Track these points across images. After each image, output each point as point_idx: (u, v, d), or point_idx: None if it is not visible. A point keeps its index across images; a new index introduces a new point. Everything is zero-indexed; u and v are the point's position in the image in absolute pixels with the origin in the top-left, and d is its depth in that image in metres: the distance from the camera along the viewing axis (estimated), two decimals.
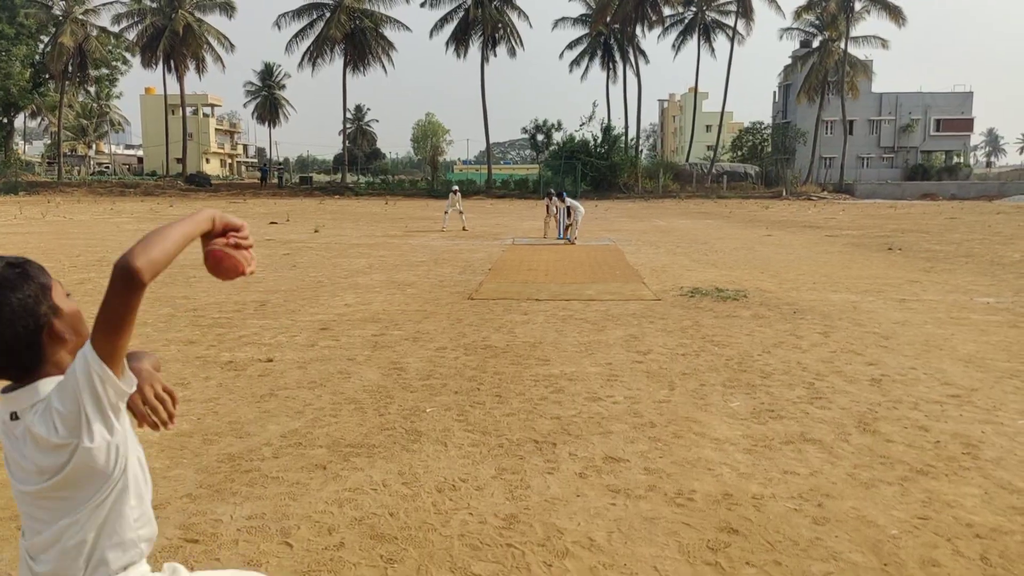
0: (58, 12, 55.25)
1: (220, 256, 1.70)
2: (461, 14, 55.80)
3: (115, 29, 57.46)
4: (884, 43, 58.77)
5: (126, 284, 1.45)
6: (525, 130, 66.73)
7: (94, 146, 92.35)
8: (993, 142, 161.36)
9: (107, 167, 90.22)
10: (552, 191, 23.48)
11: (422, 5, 55.82)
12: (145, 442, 4.64)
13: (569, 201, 20.46)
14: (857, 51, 60.10)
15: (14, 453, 1.56)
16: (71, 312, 1.60)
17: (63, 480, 1.53)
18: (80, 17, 55.31)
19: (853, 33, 58.28)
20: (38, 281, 1.56)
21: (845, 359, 7.07)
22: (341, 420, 5.25)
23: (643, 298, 10.59)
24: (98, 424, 1.51)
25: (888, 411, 5.49)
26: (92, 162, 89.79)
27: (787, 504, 3.94)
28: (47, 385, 1.53)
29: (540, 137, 64.11)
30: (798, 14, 59.10)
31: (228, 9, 58.43)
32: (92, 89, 68.51)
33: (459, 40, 56.40)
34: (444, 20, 56.25)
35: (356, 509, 3.87)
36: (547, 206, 22.35)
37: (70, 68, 55.93)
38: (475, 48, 57.20)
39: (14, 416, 1.54)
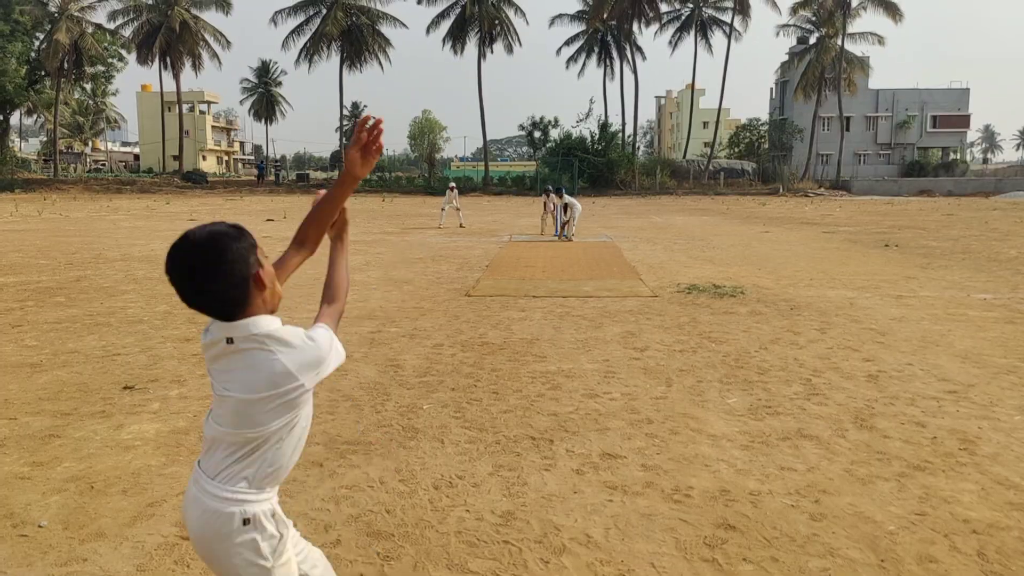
0: (53, 9, 55.02)
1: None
2: (458, 11, 55.70)
3: (111, 26, 57.34)
4: (881, 40, 58.79)
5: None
6: (522, 127, 66.62)
7: (90, 143, 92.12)
8: (990, 138, 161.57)
9: (103, 164, 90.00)
10: (550, 188, 23.45)
11: (419, 2, 55.72)
12: (140, 439, 4.64)
13: (567, 198, 20.43)
14: (854, 47, 60.20)
15: (220, 367, 1.93)
16: (269, 270, 1.96)
17: (259, 400, 1.85)
18: (76, 14, 55.11)
19: (850, 29, 58.29)
20: (250, 238, 1.94)
21: (842, 355, 7.07)
22: (338, 417, 5.24)
23: (640, 295, 10.59)
24: (308, 377, 1.88)
25: (885, 407, 5.49)
26: (88, 159, 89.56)
27: (784, 500, 3.94)
28: (263, 322, 1.89)
29: (537, 134, 64.02)
30: (795, 10, 59.10)
31: (224, 5, 58.29)
32: (88, 86, 68.28)
33: (456, 37, 56.32)
34: (441, 16, 56.18)
35: (353, 506, 3.86)
36: (544, 203, 22.33)
37: (66, 65, 55.73)
38: (472, 45, 57.16)
39: (230, 340, 1.88)
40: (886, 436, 4.89)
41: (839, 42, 58.30)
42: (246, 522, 1.91)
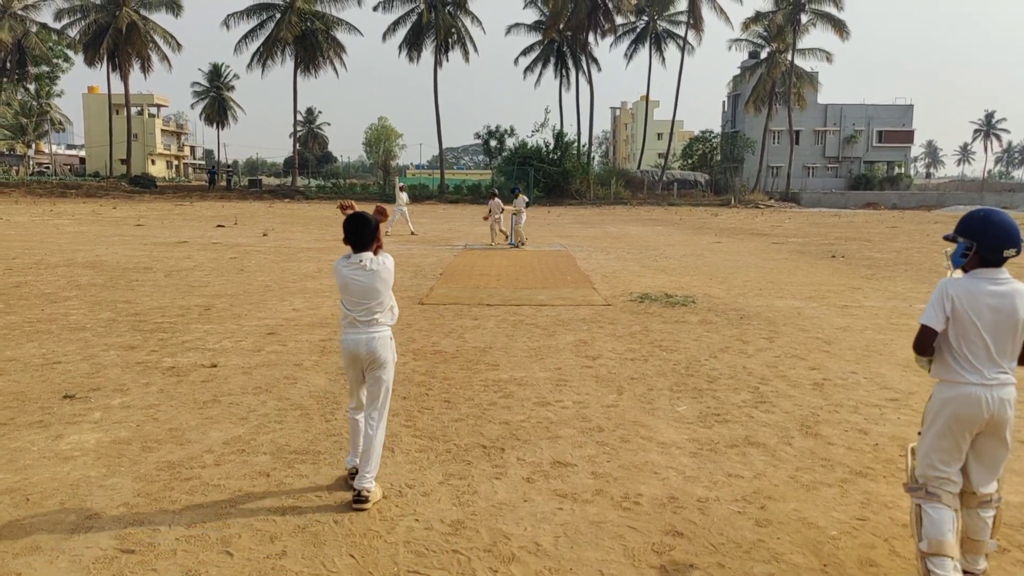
0: None
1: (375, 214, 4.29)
2: (414, 18, 55.56)
3: (57, 25, 55.86)
4: (828, 56, 60.23)
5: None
6: (478, 135, 66.51)
7: (33, 146, 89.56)
8: (932, 154, 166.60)
9: (47, 167, 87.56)
10: (495, 191, 23.49)
11: (375, 8, 55.49)
12: (79, 450, 4.51)
13: (523, 200, 20.39)
14: (803, 63, 61.48)
15: (359, 277, 4.08)
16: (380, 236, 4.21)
17: (382, 287, 4.12)
18: (19, 12, 53.63)
19: (799, 45, 59.64)
20: (376, 220, 4.27)
21: (789, 364, 7.21)
22: (286, 426, 5.16)
23: (593, 303, 10.66)
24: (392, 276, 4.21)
25: (829, 414, 5.61)
26: (32, 162, 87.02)
27: (731, 507, 3.99)
28: (376, 255, 4.15)
29: (493, 143, 64.03)
30: (746, 25, 60.21)
31: (174, 7, 57.24)
32: (32, 87, 66.44)
33: (412, 44, 56.15)
34: (397, 24, 55.95)
35: (299, 516, 3.81)
36: (490, 208, 22.25)
37: (8, 65, 54.18)
38: (428, 53, 56.99)
39: (361, 261, 4.05)
40: (830, 443, 5.00)
41: (789, 57, 59.60)
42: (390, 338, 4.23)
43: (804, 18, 58.84)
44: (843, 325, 9.25)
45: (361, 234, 4.05)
